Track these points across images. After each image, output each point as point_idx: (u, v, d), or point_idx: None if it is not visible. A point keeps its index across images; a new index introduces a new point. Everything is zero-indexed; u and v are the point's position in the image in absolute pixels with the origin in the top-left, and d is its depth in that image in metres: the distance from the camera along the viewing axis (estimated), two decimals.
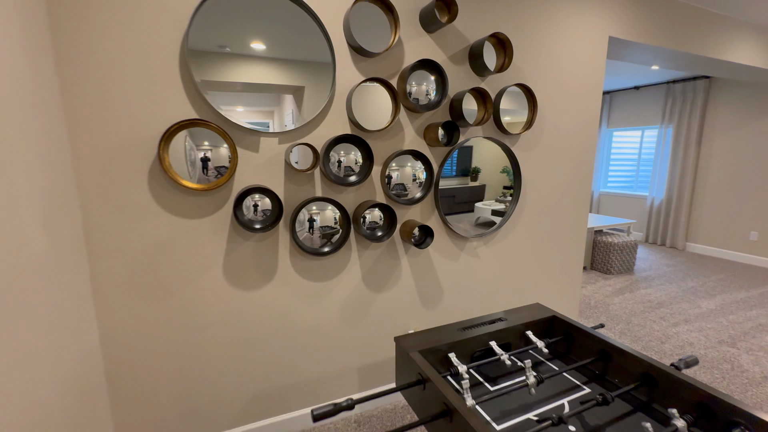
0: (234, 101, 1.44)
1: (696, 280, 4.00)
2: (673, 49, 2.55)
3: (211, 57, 1.37)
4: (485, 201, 2.11)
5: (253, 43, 1.41)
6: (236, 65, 1.40)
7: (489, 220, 2.10)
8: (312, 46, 1.52)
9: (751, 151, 4.52)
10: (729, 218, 4.78)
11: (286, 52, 1.47)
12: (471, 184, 2.02)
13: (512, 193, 2.13)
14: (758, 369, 2.34)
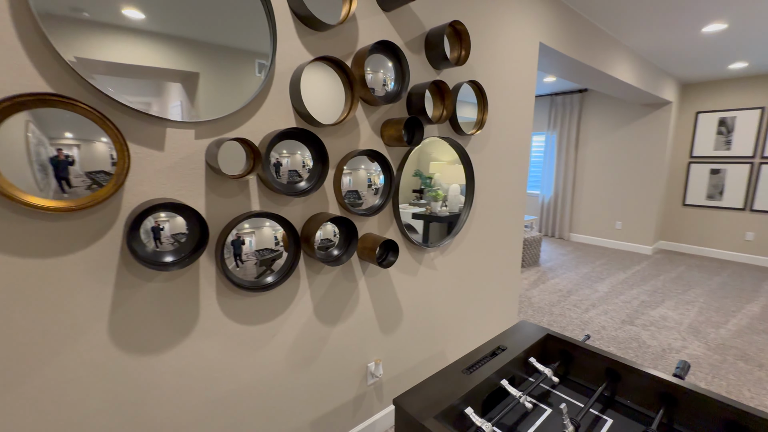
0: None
1: (586, 266, 4.61)
2: (579, 60, 2.79)
3: (64, 24, 0.85)
4: (401, 205, 1.92)
5: (126, 10, 0.93)
6: (100, 37, 0.90)
7: (408, 224, 1.89)
8: (223, 18, 1.10)
9: (614, 155, 5.45)
10: (600, 211, 5.69)
11: (178, 26, 1.02)
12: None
13: (465, 197, 2.00)
14: (656, 342, 2.70)
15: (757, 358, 2.51)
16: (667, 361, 2.46)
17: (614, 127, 5.41)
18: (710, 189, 5.03)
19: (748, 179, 4.71)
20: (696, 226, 5.21)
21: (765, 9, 2.55)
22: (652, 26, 2.93)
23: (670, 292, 3.74)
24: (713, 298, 3.59)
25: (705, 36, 3.12)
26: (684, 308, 3.32)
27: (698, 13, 2.66)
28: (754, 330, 2.92)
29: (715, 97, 4.87)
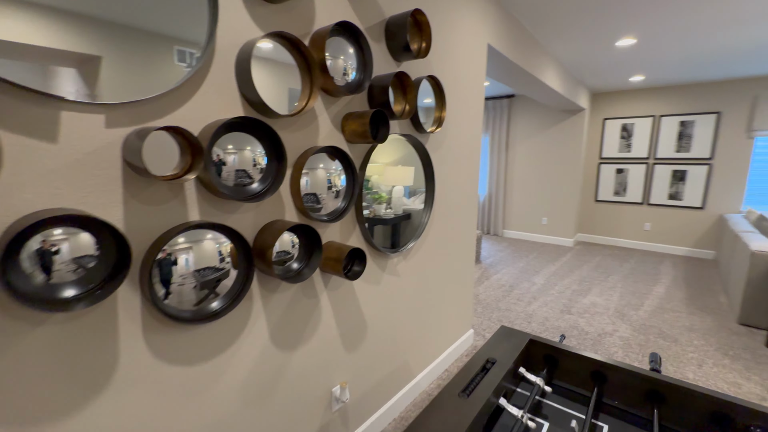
0: None
1: (522, 260, 4.91)
2: (518, 65, 2.91)
3: None
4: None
5: None
6: None
7: None
8: None
9: (539, 156, 5.92)
10: (529, 208, 6.14)
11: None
12: None
13: (426, 198, 1.91)
14: (593, 329, 2.93)
15: (671, 334, 2.85)
16: (605, 345, 2.66)
17: (538, 130, 5.87)
18: (616, 186, 5.72)
19: (645, 177, 5.46)
20: (606, 219, 5.89)
21: (669, 27, 2.91)
22: (575, 38, 3.18)
23: (594, 280, 4.13)
24: (628, 282, 4.05)
25: (617, 49, 3.49)
26: (608, 294, 3.68)
27: (614, 27, 2.95)
28: (663, 309, 3.33)
29: (619, 105, 5.56)
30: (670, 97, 5.15)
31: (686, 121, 5.06)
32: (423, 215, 1.90)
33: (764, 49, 3.45)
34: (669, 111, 5.18)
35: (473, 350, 2.57)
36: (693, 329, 2.93)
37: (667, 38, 3.16)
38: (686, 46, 3.38)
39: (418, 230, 1.87)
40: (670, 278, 4.21)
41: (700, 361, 2.47)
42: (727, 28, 2.92)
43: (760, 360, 2.49)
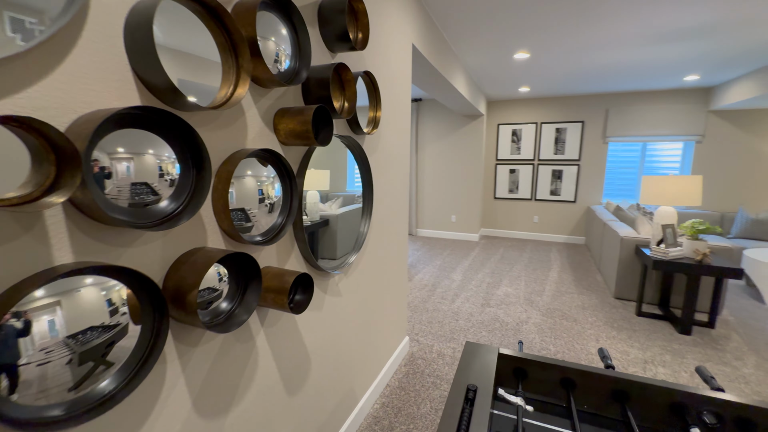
0: None
1: (438, 258, 5.12)
2: (437, 69, 2.96)
3: None
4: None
5: None
6: None
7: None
8: None
9: (445, 157, 6.28)
10: (439, 206, 6.47)
11: None
12: None
13: (364, 206, 1.75)
14: (511, 318, 3.15)
15: (571, 314, 3.24)
16: (524, 333, 2.88)
17: (444, 133, 6.22)
18: (510, 185, 6.42)
19: (532, 176, 6.24)
20: (504, 214, 6.56)
21: (554, 46, 3.30)
22: (482, 47, 3.39)
23: (502, 271, 4.52)
24: (528, 271, 4.54)
25: (514, 61, 3.85)
26: (516, 284, 4.05)
27: (514, 41, 3.23)
28: (560, 292, 3.80)
29: (509, 112, 6.24)
30: (548, 107, 5.98)
31: (560, 127, 5.94)
32: (362, 224, 1.73)
33: (611, 70, 4.21)
34: (548, 119, 6.01)
35: (410, 359, 2.51)
36: (585, 307, 3.40)
37: (551, 56, 3.61)
38: (562, 64, 3.91)
39: (358, 241, 1.70)
40: (559, 264, 4.87)
41: (597, 336, 2.85)
42: (591, 52, 3.45)
43: (636, 328, 2.99)
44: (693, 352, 2.61)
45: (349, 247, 1.64)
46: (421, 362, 2.46)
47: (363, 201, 1.74)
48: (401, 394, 2.12)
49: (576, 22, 2.76)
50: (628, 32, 2.96)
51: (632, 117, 5.51)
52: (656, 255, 2.98)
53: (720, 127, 5.16)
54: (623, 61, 3.78)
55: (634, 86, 5.06)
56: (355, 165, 1.66)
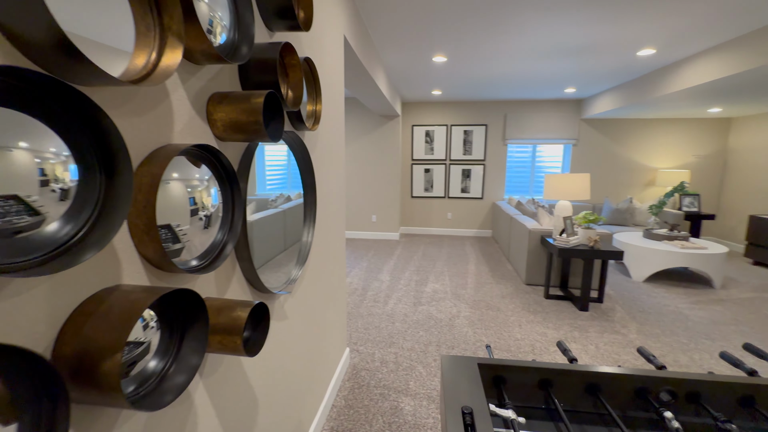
0: None
1: (363, 260, 5.03)
2: (363, 65, 2.85)
3: None
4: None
5: None
6: None
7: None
8: None
9: (365, 157, 6.23)
10: (361, 206, 6.40)
11: None
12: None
13: (306, 212, 1.53)
14: (443, 315, 3.23)
15: (493, 304, 3.48)
16: (458, 327, 2.97)
17: (362, 133, 6.17)
18: (425, 184, 6.70)
19: (445, 175, 6.61)
20: (420, 212, 6.82)
21: (471, 50, 3.49)
22: (403, 47, 3.40)
23: (426, 268, 4.66)
24: (450, 265, 4.77)
25: (432, 64, 3.97)
26: (441, 279, 4.21)
27: (434, 43, 3.31)
28: (480, 283, 4.07)
29: (423, 114, 6.49)
30: (457, 110, 6.39)
31: (468, 130, 6.41)
32: (305, 233, 1.52)
33: (511, 80, 4.69)
34: (457, 121, 6.43)
35: (353, 372, 2.36)
36: (504, 296, 3.69)
37: (466, 61, 3.82)
38: (474, 70, 4.19)
39: (302, 253, 1.48)
40: (474, 257, 5.23)
41: (519, 322, 3.10)
42: (499, 61, 3.77)
43: (547, 310, 3.35)
44: (593, 326, 3.03)
45: (268, 257, 1.42)
46: (365, 374, 2.33)
47: (305, 206, 1.53)
48: (350, 413, 1.96)
49: (490, 32, 2.94)
50: (529, 45, 3.28)
51: (525, 122, 6.24)
52: (560, 244, 3.38)
53: (589, 133, 6.18)
54: (521, 71, 4.21)
55: (527, 95, 5.72)
56: (265, 165, 1.44)
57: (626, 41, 3.15)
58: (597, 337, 2.84)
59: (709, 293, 3.82)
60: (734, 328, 3.04)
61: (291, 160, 1.43)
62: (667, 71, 3.86)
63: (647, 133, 6.06)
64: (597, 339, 2.81)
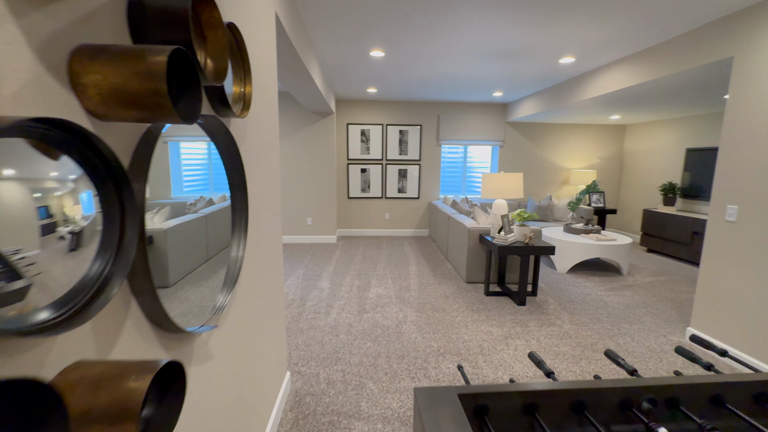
0: None
1: (300, 266, 4.67)
2: (298, 53, 2.56)
3: None
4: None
5: None
6: None
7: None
8: None
9: (298, 156, 5.83)
10: (294, 209, 5.98)
11: None
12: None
13: (235, 219, 1.23)
14: (389, 321, 3.08)
15: (438, 305, 3.43)
16: (406, 334, 2.84)
17: (294, 131, 5.76)
18: (362, 184, 6.53)
19: (382, 175, 6.51)
20: (358, 213, 6.63)
21: (410, 46, 3.39)
22: (338, 39, 3.17)
23: (368, 271, 4.48)
24: (391, 267, 4.65)
25: (370, 59, 3.80)
26: (384, 283, 4.06)
27: (371, 36, 3.14)
28: (423, 284, 4.01)
29: (358, 112, 6.30)
30: (392, 110, 6.34)
31: (403, 129, 6.40)
32: (235, 247, 1.22)
33: (445, 81, 4.75)
34: (392, 121, 6.37)
35: (296, 399, 2.07)
36: (447, 296, 3.67)
37: (404, 58, 3.73)
38: (411, 69, 4.13)
39: (231, 272, 1.18)
40: (414, 257, 5.20)
41: (465, 322, 3.08)
42: (436, 59, 3.75)
43: (489, 307, 3.40)
44: (532, 320, 3.14)
45: (186, 270, 1.11)
46: (310, 399, 2.06)
47: (233, 212, 1.22)
48: None
49: (430, 28, 2.87)
50: (466, 45, 3.30)
51: (457, 124, 6.43)
52: (499, 242, 3.45)
53: (514, 136, 6.60)
54: (456, 72, 4.27)
55: (459, 97, 5.88)
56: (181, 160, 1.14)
57: (552, 48, 3.33)
58: (537, 331, 2.93)
59: (619, 280, 4.27)
60: (644, 310, 3.40)
61: (214, 154, 1.12)
62: (582, 80, 4.22)
63: (562, 137, 6.67)
64: (537, 332, 2.91)
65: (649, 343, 2.77)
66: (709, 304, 2.67)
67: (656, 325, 3.07)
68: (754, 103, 2.37)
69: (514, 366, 2.42)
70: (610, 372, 2.37)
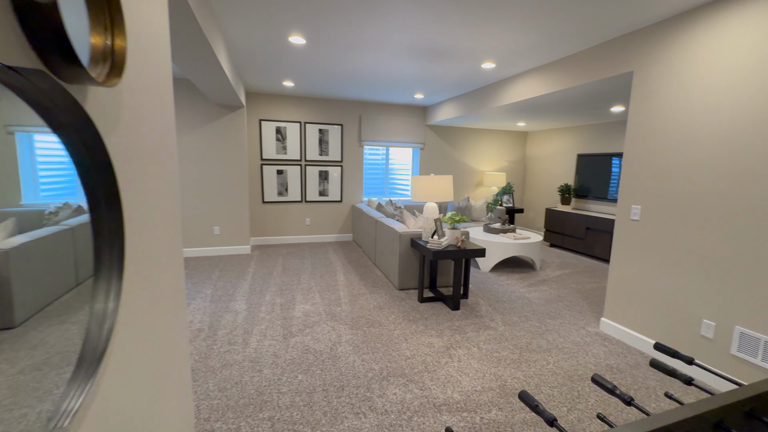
0: None
1: (207, 285, 3.95)
2: (201, 27, 2.03)
3: None
4: None
5: None
6: None
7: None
8: None
9: (201, 157, 4.99)
10: (197, 217, 5.11)
11: None
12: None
13: (101, 256, 0.76)
14: (321, 345, 2.70)
15: (373, 318, 3.17)
16: (342, 357, 2.50)
17: (194, 126, 4.91)
18: (279, 187, 5.93)
19: (301, 177, 6.01)
20: (275, 219, 6.01)
21: (333, 33, 3.05)
22: (250, 17, 2.67)
23: (291, 285, 4.00)
24: (317, 278, 4.24)
25: (289, 46, 3.34)
26: (311, 297, 3.64)
27: (290, 19, 2.73)
28: (354, 296, 3.71)
29: (272, 108, 5.69)
30: (311, 107, 5.89)
31: (323, 129, 6.00)
32: (101, 298, 0.75)
33: (367, 78, 4.54)
34: (311, 119, 5.92)
35: None
36: (381, 307, 3.43)
37: (326, 47, 3.37)
38: (333, 60, 3.79)
39: (91, 344, 0.72)
40: (341, 265, 4.86)
41: (404, 336, 2.87)
42: (360, 52, 3.50)
43: (425, 315, 3.26)
44: (469, 326, 3.08)
45: (43, 302, 0.65)
46: None
47: (96, 241, 0.76)
48: None
49: (357, 13, 2.58)
50: (392, 39, 3.10)
51: (379, 125, 6.29)
52: (433, 246, 3.34)
53: (433, 138, 6.73)
54: (380, 69, 4.07)
55: (381, 97, 5.72)
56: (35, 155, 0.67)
57: (476, 51, 3.34)
58: (476, 336, 2.88)
59: (534, 276, 4.57)
60: (561, 304, 3.64)
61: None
62: (499, 86, 4.41)
63: (475, 141, 7.04)
64: (476, 338, 2.85)
65: (573, 337, 2.92)
66: (619, 295, 2.93)
67: (574, 318, 3.29)
68: (651, 113, 2.65)
69: (462, 381, 2.28)
70: (549, 373, 2.40)
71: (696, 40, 2.35)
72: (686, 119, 2.42)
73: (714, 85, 2.27)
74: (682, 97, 2.44)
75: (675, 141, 2.49)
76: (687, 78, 2.41)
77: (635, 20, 2.57)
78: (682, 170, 2.45)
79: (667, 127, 2.54)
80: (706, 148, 2.31)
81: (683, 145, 2.44)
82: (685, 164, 2.43)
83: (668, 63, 2.51)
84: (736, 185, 2.17)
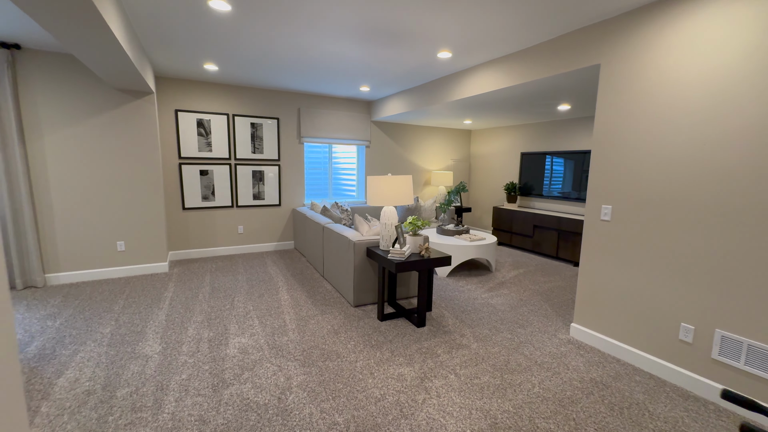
0: None
1: (105, 322, 3.04)
2: None
3: None
4: None
5: None
6: None
7: None
8: None
9: (93, 153, 3.94)
10: (92, 232, 4.04)
11: None
12: None
13: None
14: (266, 394, 2.11)
15: (329, 348, 2.64)
16: (295, 410, 1.94)
17: (90, 113, 3.86)
18: (204, 190, 5.03)
19: (231, 179, 5.18)
20: (199, 228, 5.09)
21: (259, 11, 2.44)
22: None
23: (222, 311, 3.27)
24: (254, 299, 3.56)
25: (209, 12, 2.64)
26: (248, 327, 2.97)
27: None
28: (303, 318, 3.13)
29: (192, 97, 4.78)
30: (241, 98, 5.08)
31: (256, 123, 5.23)
32: None
33: (305, 64, 3.97)
34: (241, 111, 5.12)
35: None
36: (336, 331, 2.91)
37: (254, 15, 2.74)
38: (262, 37, 3.16)
39: None
40: (283, 279, 4.20)
41: (369, 368, 2.39)
42: (295, 29, 2.93)
43: (389, 337, 2.82)
44: (439, 345, 2.71)
45: None
46: None
47: None
48: None
49: None
50: (341, 15, 2.60)
51: (320, 119, 5.69)
52: (396, 257, 2.91)
53: (379, 135, 6.32)
54: (323, 53, 3.52)
55: (323, 89, 5.15)
56: None
57: (432, 35, 2.98)
58: (450, 360, 2.51)
59: (491, 278, 4.41)
60: (526, 309, 3.47)
61: None
62: (452, 79, 4.13)
63: (422, 139, 6.80)
64: (450, 362, 2.48)
65: (548, 348, 2.71)
66: (590, 299, 2.79)
67: (543, 325, 3.12)
68: (618, 108, 2.52)
69: (447, 425, 1.88)
70: (537, 399, 2.11)
71: (664, 34, 2.24)
72: (656, 114, 2.30)
73: (683, 78, 2.16)
74: (652, 91, 2.32)
75: (646, 137, 2.37)
76: (656, 71, 2.29)
77: (603, 9, 2.40)
78: (654, 168, 2.34)
79: (637, 122, 2.42)
80: (679, 144, 2.21)
81: (654, 140, 2.33)
82: (657, 161, 2.32)
83: (637, 55, 2.39)
84: (711, 183, 2.08)
